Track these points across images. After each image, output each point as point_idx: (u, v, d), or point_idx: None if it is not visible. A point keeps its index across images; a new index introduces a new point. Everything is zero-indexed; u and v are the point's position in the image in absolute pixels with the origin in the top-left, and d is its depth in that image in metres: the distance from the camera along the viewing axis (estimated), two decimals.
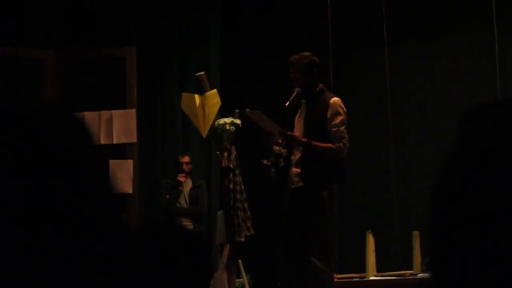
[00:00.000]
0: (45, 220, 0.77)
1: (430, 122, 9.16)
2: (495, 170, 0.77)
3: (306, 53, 5.97)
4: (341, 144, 5.73)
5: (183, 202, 8.59)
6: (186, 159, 8.60)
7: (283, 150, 5.82)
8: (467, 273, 0.78)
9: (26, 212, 0.77)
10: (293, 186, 5.82)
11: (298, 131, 5.88)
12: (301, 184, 5.77)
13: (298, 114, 5.94)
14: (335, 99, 5.84)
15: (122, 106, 7.74)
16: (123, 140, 7.65)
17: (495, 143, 0.79)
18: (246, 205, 7.14)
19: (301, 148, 5.80)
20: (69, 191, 0.79)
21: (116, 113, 7.68)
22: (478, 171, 0.79)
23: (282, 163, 5.85)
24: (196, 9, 9.33)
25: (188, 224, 8.32)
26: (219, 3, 9.61)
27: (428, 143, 9.00)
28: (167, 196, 8.49)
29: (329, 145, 5.72)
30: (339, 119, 5.76)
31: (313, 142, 5.71)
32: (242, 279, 7.43)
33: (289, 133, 5.79)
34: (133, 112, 7.71)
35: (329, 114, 5.76)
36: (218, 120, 7.23)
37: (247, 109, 6.14)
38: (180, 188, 8.54)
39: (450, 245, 0.80)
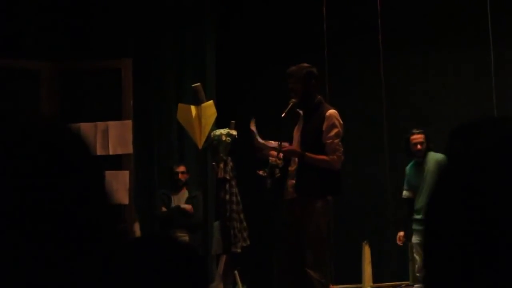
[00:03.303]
0: (43, 229, 0.78)
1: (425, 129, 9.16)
2: (483, 188, 0.78)
3: (305, 64, 5.97)
4: (334, 156, 5.73)
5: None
6: (182, 168, 8.60)
7: (279, 161, 5.82)
8: (461, 285, 0.79)
9: (24, 221, 0.77)
10: (289, 198, 5.82)
11: (296, 142, 5.89)
12: (295, 195, 5.78)
13: (296, 126, 5.95)
14: (331, 111, 5.84)
15: (118, 117, 7.73)
16: (119, 151, 7.64)
17: (484, 162, 0.80)
18: (242, 216, 7.14)
19: (297, 159, 5.81)
20: (67, 202, 0.80)
21: (112, 124, 7.67)
22: (467, 189, 0.80)
23: (278, 174, 5.85)
24: (192, 20, 9.34)
25: (183, 236, 8.30)
26: (215, 14, 9.63)
27: None
28: (164, 209, 8.47)
29: (323, 157, 5.73)
30: (334, 131, 5.77)
31: (307, 154, 5.72)
32: None
33: (285, 146, 5.79)
34: (129, 123, 7.70)
35: (324, 126, 5.77)
36: (214, 131, 7.24)
37: (252, 121, 6.06)
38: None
39: (444, 260, 0.81)
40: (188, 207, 8.41)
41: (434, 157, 7.73)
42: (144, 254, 1.82)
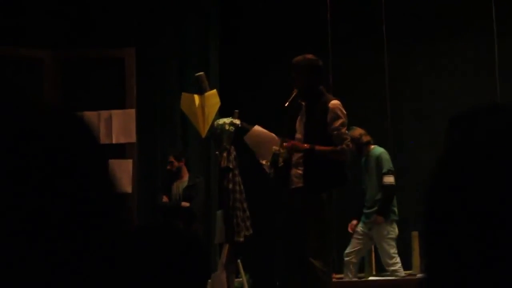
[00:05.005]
0: (48, 219, 0.78)
1: (429, 125, 9.16)
2: (484, 177, 0.78)
3: (310, 55, 5.95)
4: (344, 145, 5.73)
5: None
6: (171, 158, 8.59)
7: (282, 150, 5.82)
8: (461, 273, 0.79)
9: (28, 211, 0.77)
10: (292, 187, 5.82)
11: (299, 134, 5.87)
12: (300, 184, 5.77)
13: (299, 117, 5.93)
14: (334, 101, 5.83)
15: (122, 106, 7.74)
16: (122, 140, 7.65)
17: (483, 150, 0.80)
18: (245, 205, 7.14)
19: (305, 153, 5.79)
20: (73, 191, 0.80)
21: (115, 113, 7.68)
22: (465, 177, 0.80)
23: (282, 163, 5.85)
24: (195, 9, 9.33)
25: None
26: (218, 3, 9.61)
27: (427, 145, 9.00)
28: (165, 198, 8.47)
29: (333, 148, 5.72)
30: (339, 121, 5.76)
31: (316, 147, 5.71)
32: (241, 279, 7.43)
33: (291, 142, 5.77)
34: (132, 112, 7.71)
35: (328, 118, 5.76)
36: (218, 120, 7.23)
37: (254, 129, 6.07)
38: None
39: (443, 248, 0.81)
40: (185, 204, 8.41)
41: (375, 153, 7.92)
42: (147, 243, 1.82)
